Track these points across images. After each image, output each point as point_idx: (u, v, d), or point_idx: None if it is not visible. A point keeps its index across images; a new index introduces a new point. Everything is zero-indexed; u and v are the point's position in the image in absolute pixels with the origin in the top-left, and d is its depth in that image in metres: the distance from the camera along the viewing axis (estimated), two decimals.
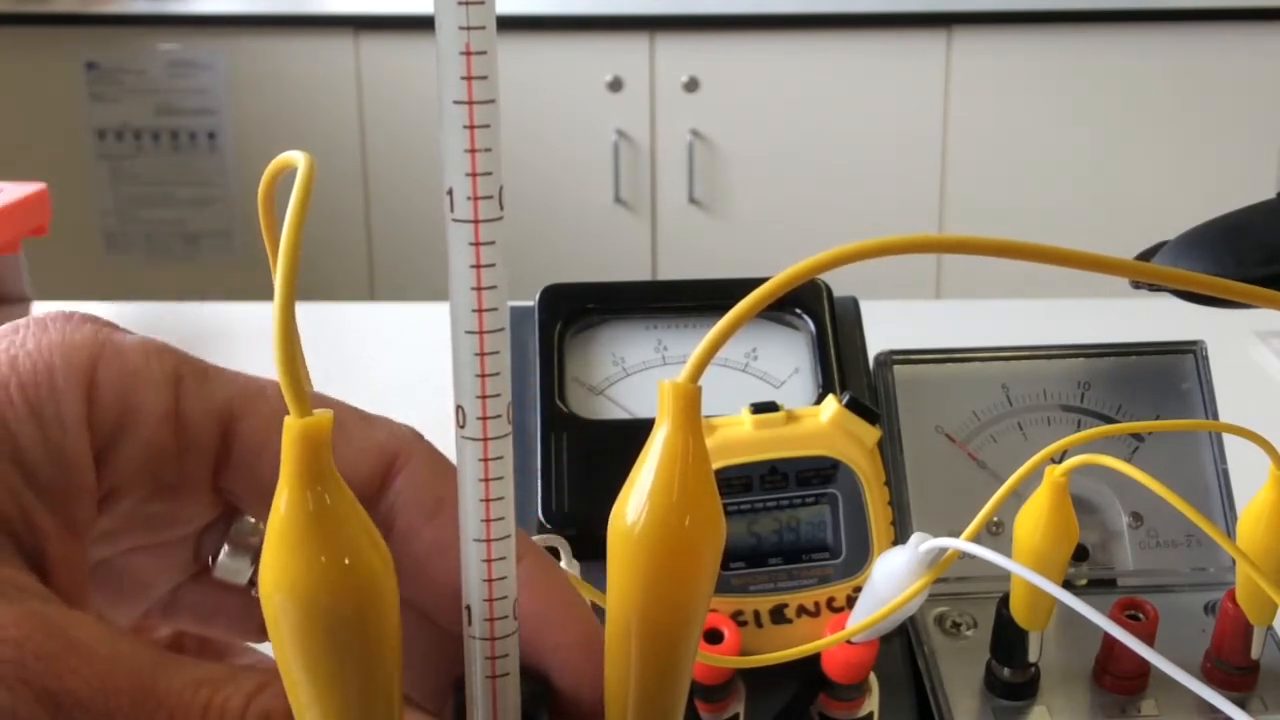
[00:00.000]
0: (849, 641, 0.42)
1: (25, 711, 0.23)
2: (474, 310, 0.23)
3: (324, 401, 0.29)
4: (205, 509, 0.30)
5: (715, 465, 0.29)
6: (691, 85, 2.23)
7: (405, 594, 0.29)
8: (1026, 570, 0.35)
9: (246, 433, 0.28)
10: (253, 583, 0.31)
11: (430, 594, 0.29)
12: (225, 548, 0.31)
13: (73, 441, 0.26)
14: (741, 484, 0.45)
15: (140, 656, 0.24)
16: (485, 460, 0.24)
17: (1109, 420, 0.51)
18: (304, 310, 0.23)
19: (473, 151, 0.22)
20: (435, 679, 0.28)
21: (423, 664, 0.29)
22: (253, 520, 0.31)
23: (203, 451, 0.28)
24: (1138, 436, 0.51)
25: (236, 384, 0.29)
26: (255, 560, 0.31)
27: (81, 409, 0.27)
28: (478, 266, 0.23)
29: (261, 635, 0.32)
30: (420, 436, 0.30)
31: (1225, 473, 0.51)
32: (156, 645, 0.26)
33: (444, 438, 0.27)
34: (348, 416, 0.29)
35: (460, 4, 0.21)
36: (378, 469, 0.29)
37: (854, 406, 0.44)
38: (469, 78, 0.22)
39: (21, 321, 0.28)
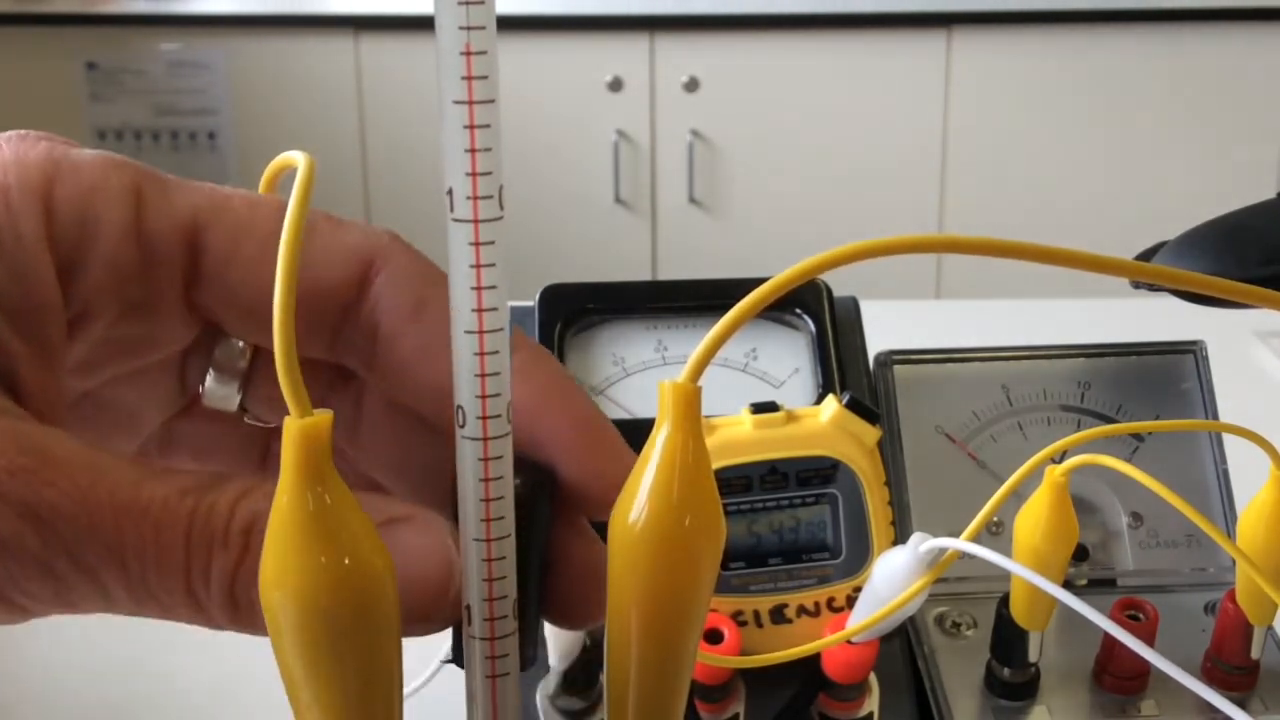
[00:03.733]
0: (849, 641, 0.42)
1: (5, 526, 0.23)
2: (474, 310, 0.23)
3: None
4: (182, 328, 0.29)
5: (715, 465, 0.29)
6: (691, 85, 2.23)
7: (396, 397, 0.28)
8: (1026, 570, 0.35)
9: (214, 243, 0.27)
10: (244, 409, 0.30)
11: (420, 394, 0.28)
12: (211, 373, 0.30)
13: (34, 260, 0.26)
14: (741, 484, 0.45)
15: (121, 468, 0.24)
16: (485, 460, 0.24)
17: (1109, 420, 0.51)
18: None
19: (473, 151, 0.22)
20: (434, 483, 0.28)
21: (421, 472, 0.29)
22: (238, 343, 0.30)
23: (169, 264, 0.27)
24: (1138, 436, 0.51)
25: (200, 193, 0.28)
26: (243, 385, 0.30)
27: (40, 227, 0.26)
28: (478, 266, 0.23)
29: (263, 466, 0.31)
30: (397, 237, 0.28)
31: (1225, 473, 0.51)
32: (138, 459, 0.25)
33: None
34: (317, 219, 0.28)
35: (460, 4, 0.21)
36: (355, 272, 0.28)
37: (854, 406, 0.44)
38: (469, 77, 0.22)
39: None
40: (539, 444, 0.26)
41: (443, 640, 0.26)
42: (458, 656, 0.26)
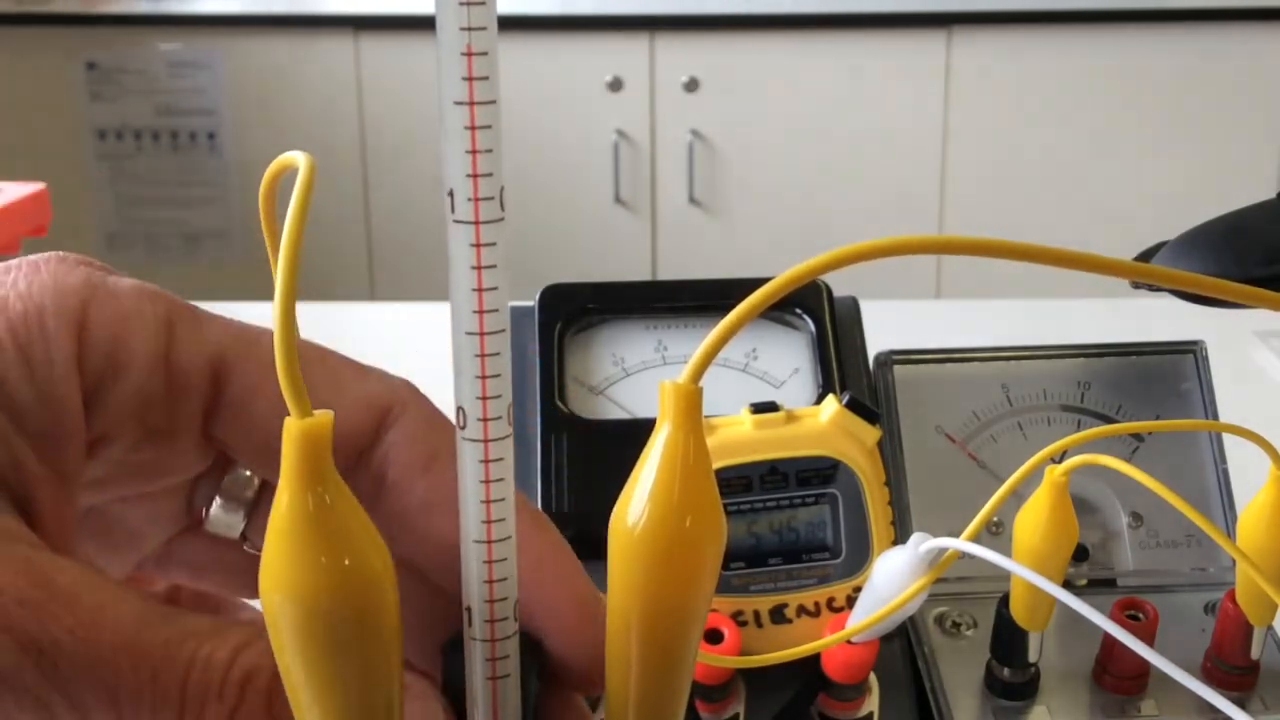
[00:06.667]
0: (849, 641, 0.42)
1: (7, 659, 0.23)
2: (475, 311, 0.23)
3: (319, 351, 0.29)
4: (196, 458, 0.29)
5: (715, 465, 0.29)
6: (691, 85, 2.23)
7: (398, 551, 0.28)
8: (1026, 570, 0.35)
9: (238, 379, 0.28)
10: (245, 537, 0.31)
11: (423, 550, 0.28)
12: (218, 500, 0.30)
13: (62, 384, 0.26)
14: (741, 484, 0.45)
15: (126, 607, 0.24)
16: (486, 461, 0.24)
17: (1109, 420, 0.51)
18: (304, 310, 0.23)
19: (474, 152, 0.22)
20: (431, 639, 0.28)
21: (418, 624, 0.29)
22: (247, 473, 0.30)
23: (193, 397, 0.28)
24: (1138, 436, 0.51)
25: (230, 331, 0.28)
26: (248, 514, 0.30)
27: (72, 351, 0.26)
28: (478, 267, 0.23)
29: (256, 590, 0.32)
30: (415, 390, 0.29)
31: (1225, 473, 0.51)
32: (145, 595, 0.25)
33: None
34: (342, 367, 0.29)
35: (462, 4, 0.21)
36: (370, 421, 0.28)
37: (854, 406, 0.44)
38: (470, 78, 0.22)
39: (14, 262, 0.27)
40: (530, 615, 0.27)
41: None
42: None
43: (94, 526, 0.30)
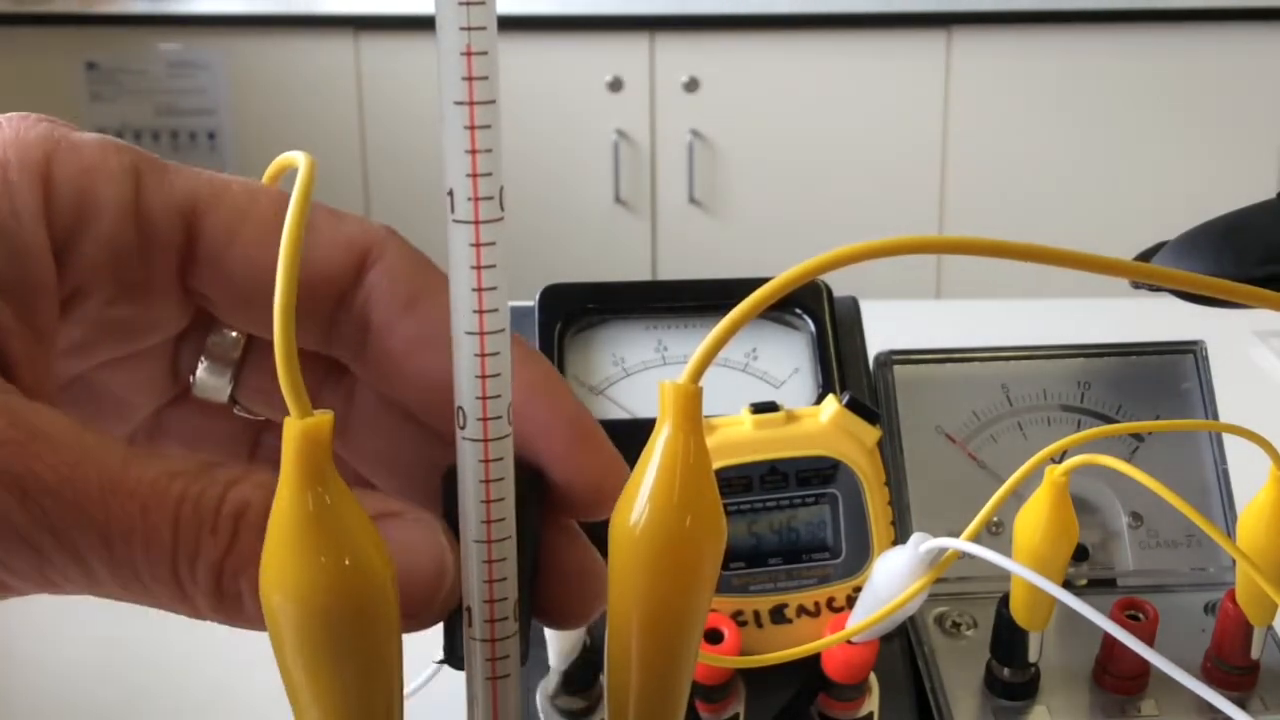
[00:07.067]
0: (849, 641, 0.42)
1: None
2: (474, 311, 0.23)
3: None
4: (176, 312, 0.29)
5: (715, 465, 0.29)
6: (691, 85, 2.23)
7: (387, 392, 0.28)
8: (1026, 570, 0.35)
9: (211, 227, 0.27)
10: (234, 400, 0.30)
11: (411, 389, 0.28)
12: (203, 362, 0.30)
13: (29, 235, 0.26)
14: (741, 484, 0.45)
15: (109, 447, 0.23)
16: (486, 461, 0.24)
17: (1109, 420, 0.51)
18: None
19: (473, 152, 0.22)
20: (424, 481, 0.28)
21: (410, 468, 0.29)
22: (231, 334, 0.30)
23: (166, 246, 0.27)
24: (1138, 436, 0.51)
25: (199, 179, 0.28)
26: (235, 376, 0.30)
27: (37, 203, 0.26)
28: (478, 267, 0.23)
29: (252, 459, 0.31)
30: (395, 232, 0.28)
31: (1225, 473, 0.51)
32: (128, 442, 0.24)
33: None
34: (317, 212, 0.28)
35: (461, 4, 0.21)
36: (350, 263, 0.28)
37: (854, 406, 0.44)
38: (470, 78, 0.22)
39: None
40: (526, 442, 0.26)
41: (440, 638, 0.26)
42: (450, 657, 0.26)
43: (81, 397, 0.29)
